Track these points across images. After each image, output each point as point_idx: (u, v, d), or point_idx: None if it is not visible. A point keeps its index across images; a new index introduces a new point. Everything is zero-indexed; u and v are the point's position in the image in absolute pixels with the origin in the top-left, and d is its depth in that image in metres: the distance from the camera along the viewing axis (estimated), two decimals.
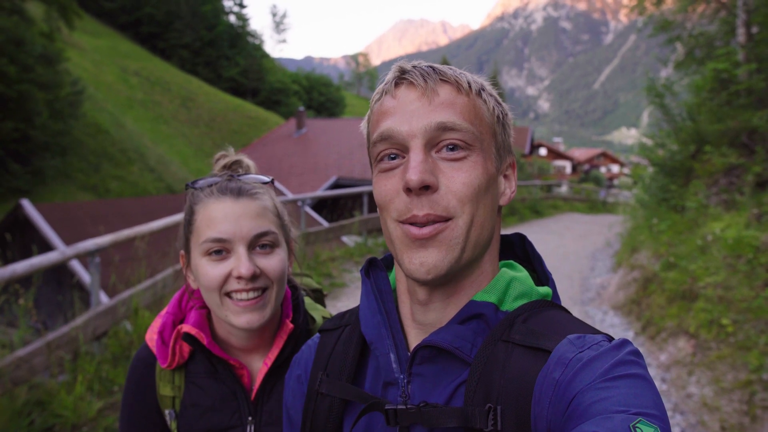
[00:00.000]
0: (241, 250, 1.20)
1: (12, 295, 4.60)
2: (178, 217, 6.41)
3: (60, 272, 11.49)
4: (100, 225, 8.18)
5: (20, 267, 4.08)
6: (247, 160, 1.39)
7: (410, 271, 0.83)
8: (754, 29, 10.00)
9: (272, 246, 1.25)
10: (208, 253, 1.21)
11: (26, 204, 13.80)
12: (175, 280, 6.12)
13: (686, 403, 4.89)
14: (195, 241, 1.24)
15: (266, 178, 1.32)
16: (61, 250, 4.68)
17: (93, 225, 12.97)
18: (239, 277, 1.19)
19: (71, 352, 4.54)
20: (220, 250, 1.21)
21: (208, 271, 1.21)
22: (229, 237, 1.20)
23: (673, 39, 12.28)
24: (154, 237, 6.15)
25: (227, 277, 1.20)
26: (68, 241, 11.82)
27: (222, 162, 1.37)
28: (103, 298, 6.28)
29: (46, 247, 12.01)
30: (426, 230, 0.81)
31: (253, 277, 1.20)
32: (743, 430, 4.30)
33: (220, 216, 1.21)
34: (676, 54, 13.03)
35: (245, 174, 1.32)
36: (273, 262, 1.24)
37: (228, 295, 1.21)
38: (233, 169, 1.36)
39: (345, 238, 11.99)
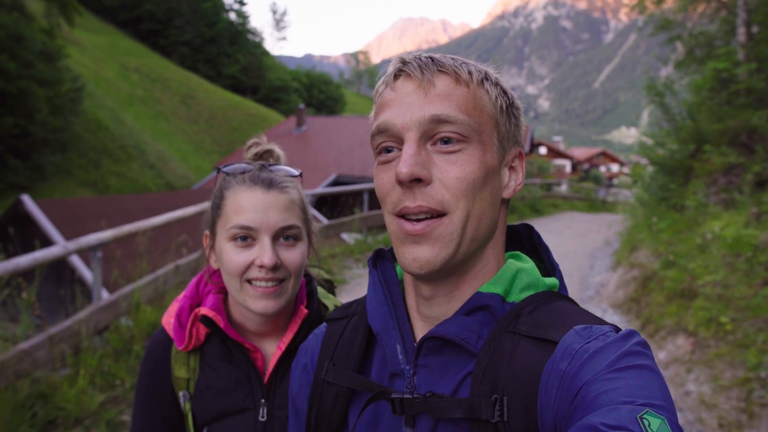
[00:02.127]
0: (265, 240, 1.24)
1: (14, 289, 4.61)
2: (179, 213, 6.43)
3: (60, 268, 11.50)
4: (100, 221, 8.19)
5: (23, 261, 4.09)
6: (278, 150, 1.42)
7: (404, 266, 0.83)
8: (755, 29, 10.01)
9: (295, 239, 1.29)
10: (234, 239, 1.25)
11: (26, 199, 13.78)
12: (176, 275, 6.13)
13: (684, 401, 4.90)
14: (222, 225, 1.28)
15: (295, 171, 1.35)
16: (63, 245, 4.68)
17: (93, 221, 12.94)
18: (261, 266, 1.22)
19: (73, 346, 4.54)
20: (246, 237, 1.25)
21: (232, 257, 1.25)
22: (256, 226, 1.24)
23: (673, 38, 12.28)
24: (155, 233, 6.15)
25: (250, 265, 1.24)
26: (68, 236, 11.81)
27: (254, 150, 1.40)
28: (104, 293, 6.30)
29: (46, 242, 12.00)
30: (419, 227, 0.81)
31: (274, 268, 1.23)
32: (741, 427, 4.32)
33: (250, 205, 1.24)
34: (677, 53, 13.04)
35: (276, 164, 1.35)
36: (294, 255, 1.28)
37: (248, 281, 1.25)
38: (264, 158, 1.40)
39: (345, 235, 11.98)
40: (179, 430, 1.39)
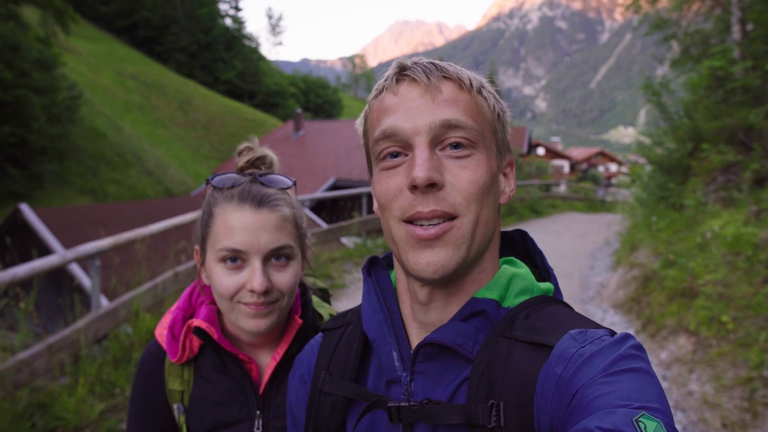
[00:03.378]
0: (256, 264, 1.19)
1: (12, 299, 4.60)
2: (178, 219, 6.42)
3: (59, 276, 11.49)
4: (99, 228, 8.18)
5: (21, 270, 4.08)
6: (272, 155, 1.37)
7: (416, 271, 0.82)
8: (749, 26, 10.02)
9: (288, 258, 1.25)
10: (223, 261, 1.21)
11: (25, 208, 13.77)
12: (175, 282, 6.12)
13: (687, 401, 4.89)
14: (211, 244, 1.24)
15: (289, 181, 1.30)
16: (61, 254, 4.67)
17: (92, 229, 12.94)
18: (252, 291, 1.19)
19: (72, 355, 4.53)
20: (236, 258, 1.20)
21: (221, 279, 1.21)
22: (245, 249, 1.19)
23: (668, 37, 12.28)
24: (153, 240, 6.14)
25: (240, 288, 1.20)
26: (67, 245, 11.79)
27: (246, 157, 1.35)
28: (104, 301, 6.28)
29: (45, 251, 11.98)
30: (432, 231, 0.80)
31: (266, 292, 1.20)
32: (744, 426, 4.31)
33: (239, 226, 1.20)
34: (672, 52, 13.03)
35: (268, 172, 1.31)
36: (286, 277, 1.24)
37: (239, 302, 1.22)
38: (257, 165, 1.35)
39: (344, 240, 11.98)
40: None
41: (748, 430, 4.27)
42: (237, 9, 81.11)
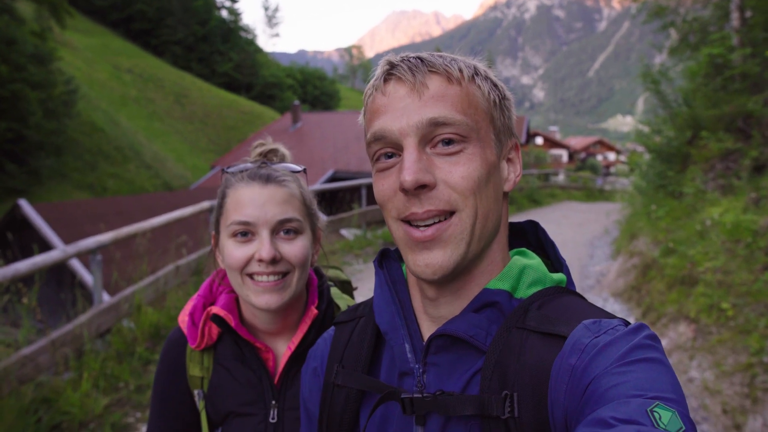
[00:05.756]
0: (264, 234, 1.25)
1: (14, 295, 4.60)
2: (178, 213, 6.41)
3: (60, 272, 11.47)
4: (98, 223, 8.17)
5: (23, 266, 4.08)
6: (283, 150, 1.44)
7: (416, 273, 0.83)
8: (748, 13, 9.99)
9: (296, 232, 1.29)
10: (234, 235, 1.26)
11: (24, 204, 13.74)
12: (177, 276, 6.13)
13: (688, 388, 4.92)
14: (224, 222, 1.30)
15: (298, 167, 1.37)
16: (63, 249, 4.67)
17: (91, 223, 12.91)
18: (260, 260, 1.23)
19: (75, 350, 4.55)
20: (246, 232, 1.26)
21: (232, 252, 1.26)
22: (253, 221, 1.25)
23: (667, 25, 12.24)
24: (154, 234, 6.14)
25: (249, 259, 1.25)
26: (67, 240, 11.78)
27: (258, 150, 1.42)
28: (105, 296, 6.29)
29: (45, 246, 11.97)
30: (429, 232, 0.80)
31: (274, 261, 1.24)
32: (744, 412, 4.33)
33: (247, 200, 1.26)
34: (671, 40, 12.99)
35: (280, 162, 1.37)
36: (295, 248, 1.28)
37: (250, 276, 1.26)
38: (268, 157, 1.41)
39: (344, 231, 11.98)
40: (194, 428, 1.40)
41: (749, 415, 4.30)
42: (233, 0, 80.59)
